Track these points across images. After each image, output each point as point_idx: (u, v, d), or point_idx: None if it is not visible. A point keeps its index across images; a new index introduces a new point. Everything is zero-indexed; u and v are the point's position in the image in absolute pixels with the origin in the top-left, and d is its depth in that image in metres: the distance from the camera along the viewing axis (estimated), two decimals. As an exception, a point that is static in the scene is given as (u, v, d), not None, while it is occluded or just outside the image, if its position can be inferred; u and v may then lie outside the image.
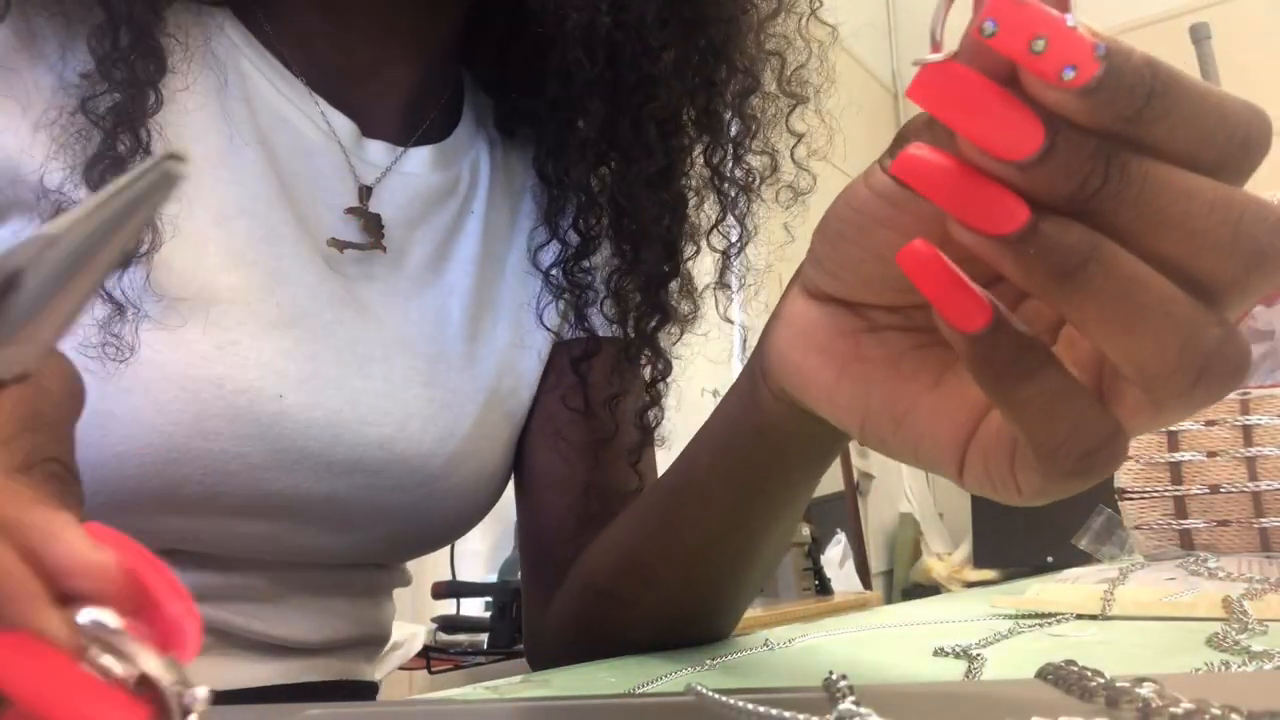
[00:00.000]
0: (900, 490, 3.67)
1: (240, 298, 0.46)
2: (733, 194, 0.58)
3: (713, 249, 0.59)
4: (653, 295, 0.56)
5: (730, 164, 0.57)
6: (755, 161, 0.57)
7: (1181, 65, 0.20)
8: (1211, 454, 0.82)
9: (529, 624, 0.59)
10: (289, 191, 0.50)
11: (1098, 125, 0.20)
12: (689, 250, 0.58)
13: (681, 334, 0.59)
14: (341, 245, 0.51)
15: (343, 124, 0.53)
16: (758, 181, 0.57)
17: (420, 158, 0.56)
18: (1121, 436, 0.23)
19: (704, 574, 0.45)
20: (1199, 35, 1.41)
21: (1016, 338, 0.22)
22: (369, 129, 0.54)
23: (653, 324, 0.57)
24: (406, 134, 0.56)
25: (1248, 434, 0.80)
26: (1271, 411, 0.79)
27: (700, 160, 0.57)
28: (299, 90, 0.52)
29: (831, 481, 3.30)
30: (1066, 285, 0.20)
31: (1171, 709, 0.21)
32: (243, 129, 0.49)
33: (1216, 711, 0.20)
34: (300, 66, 0.53)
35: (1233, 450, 0.81)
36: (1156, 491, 0.84)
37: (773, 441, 0.37)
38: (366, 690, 0.60)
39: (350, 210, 0.52)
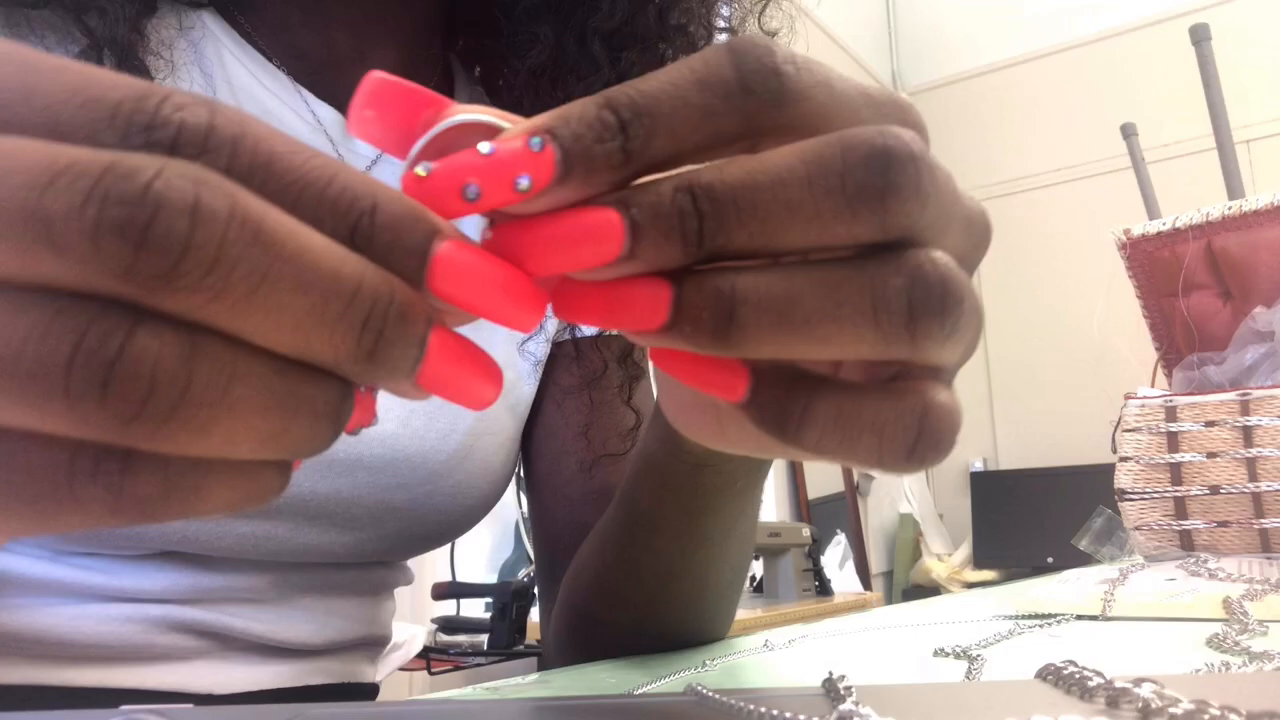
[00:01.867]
0: (900, 491, 3.67)
1: None
2: None
3: None
4: None
5: None
6: None
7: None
8: (1212, 455, 0.82)
9: (542, 627, 0.60)
10: None
11: (625, 179, 0.19)
12: None
13: None
14: None
15: (328, 115, 0.53)
16: None
17: None
18: (932, 413, 0.21)
19: (673, 592, 0.45)
20: (1199, 36, 1.41)
21: (779, 387, 0.20)
22: None
23: None
24: None
25: (1248, 435, 0.80)
26: (1271, 412, 0.79)
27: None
28: (282, 83, 0.52)
29: (831, 482, 3.30)
30: (734, 339, 0.19)
31: (1171, 709, 0.21)
32: None
33: (1216, 711, 0.20)
34: (282, 58, 0.52)
35: (1233, 451, 0.81)
36: (1156, 492, 0.84)
37: (711, 472, 0.38)
38: (368, 692, 0.60)
39: None
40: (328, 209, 0.17)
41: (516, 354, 0.58)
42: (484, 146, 0.18)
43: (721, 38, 0.58)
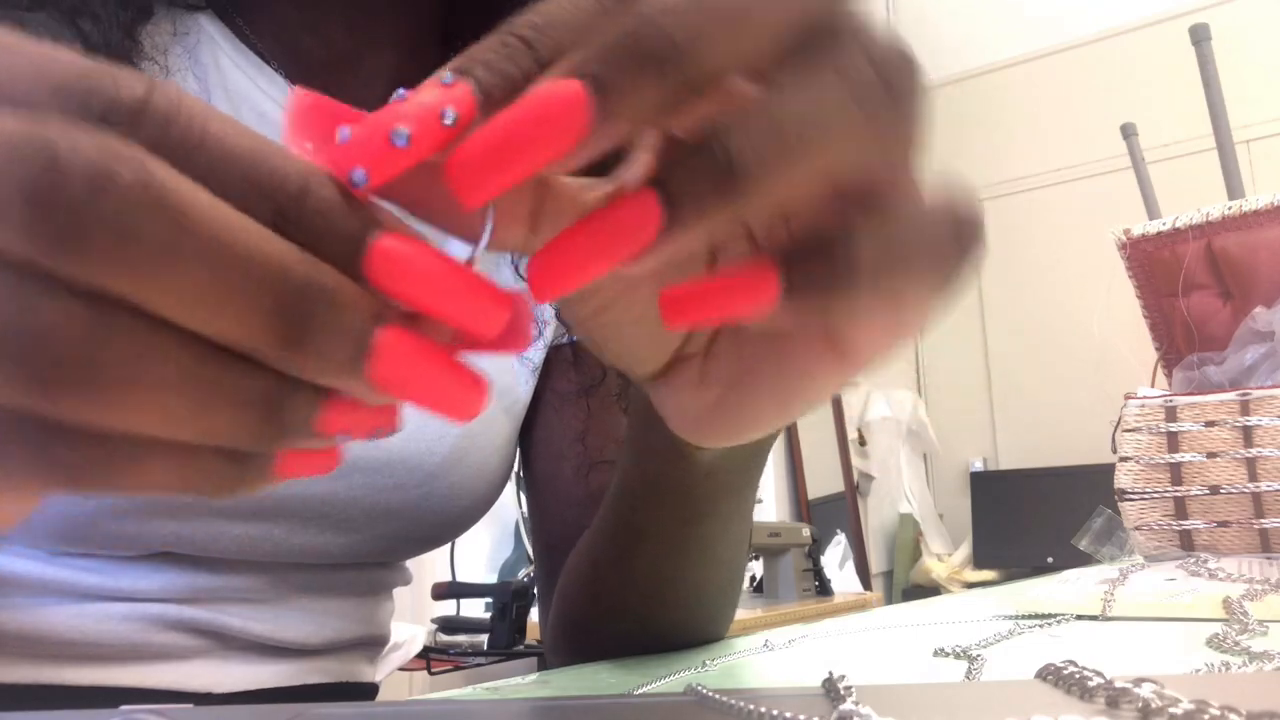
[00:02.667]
0: (900, 491, 3.67)
1: None
2: None
3: None
4: None
5: None
6: None
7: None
8: (1211, 455, 0.82)
9: (542, 629, 0.60)
10: None
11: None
12: None
13: None
14: None
15: None
16: None
17: None
18: (959, 201, 0.21)
19: (668, 598, 0.45)
20: (1199, 36, 1.41)
21: (810, 255, 0.20)
22: None
23: None
24: None
25: (1248, 435, 0.80)
26: (1271, 412, 0.79)
27: None
28: (279, 86, 0.51)
29: (831, 482, 3.30)
30: (742, 186, 0.18)
31: (1171, 709, 0.21)
32: None
33: (1216, 711, 0.20)
34: (280, 60, 0.52)
35: (1233, 451, 0.81)
36: (1156, 492, 0.84)
37: (712, 480, 0.38)
38: (366, 691, 0.60)
39: None
40: (254, 188, 0.17)
41: (514, 359, 0.58)
42: (399, 92, 0.18)
43: None
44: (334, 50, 0.53)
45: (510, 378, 0.58)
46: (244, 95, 0.50)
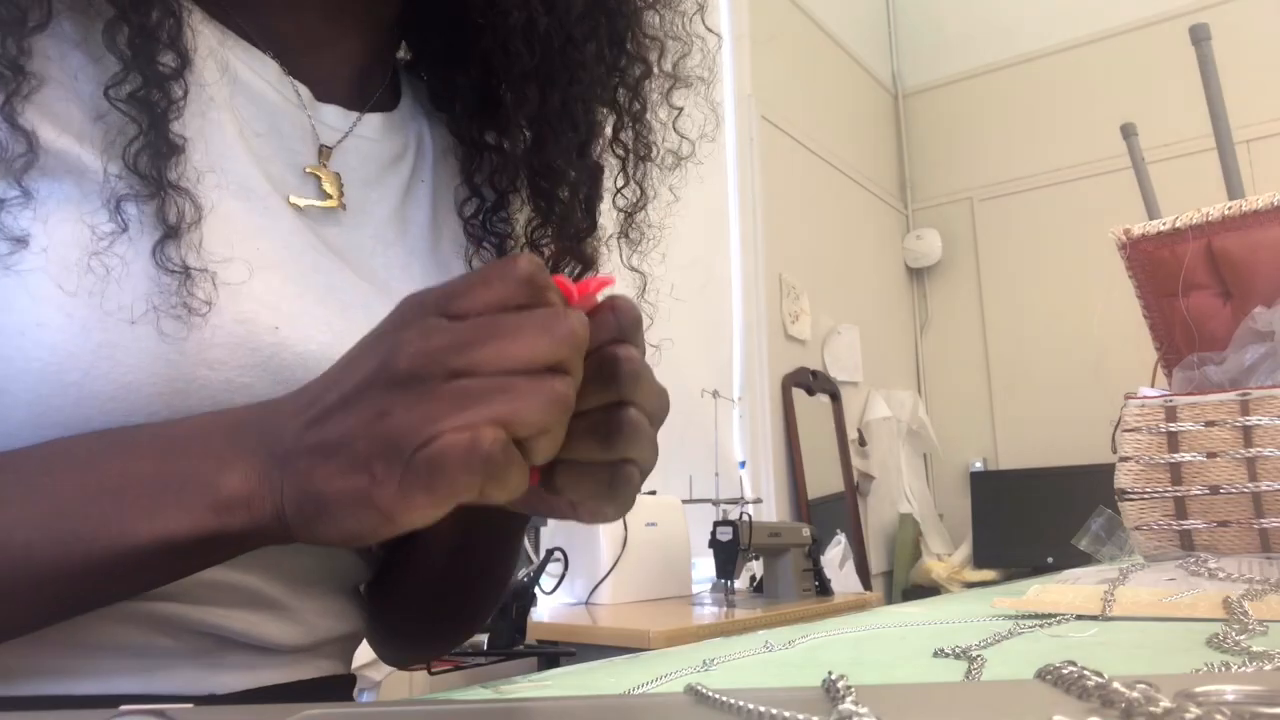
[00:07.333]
0: (900, 491, 3.67)
1: (224, 242, 0.47)
2: (634, 162, 0.66)
3: (616, 208, 0.67)
4: (573, 248, 0.65)
5: (632, 137, 0.66)
6: (650, 134, 0.66)
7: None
8: (1211, 455, 0.82)
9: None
10: (253, 151, 0.51)
11: None
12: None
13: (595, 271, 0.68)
14: (304, 202, 0.53)
15: (299, 88, 0.56)
16: (656, 152, 0.67)
17: (373, 124, 0.59)
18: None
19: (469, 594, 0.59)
20: (1199, 35, 1.41)
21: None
22: (323, 96, 0.57)
23: (577, 271, 0.65)
24: (358, 104, 0.59)
25: (1247, 435, 0.80)
26: (1271, 412, 0.79)
27: (609, 134, 0.66)
28: (256, 56, 0.54)
29: (831, 482, 3.30)
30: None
31: (1170, 709, 0.21)
32: (216, 92, 0.51)
33: (1214, 710, 0.20)
34: (259, 37, 0.54)
35: (1233, 451, 0.81)
36: (1157, 492, 0.84)
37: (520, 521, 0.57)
38: (348, 684, 0.60)
39: (311, 169, 0.55)
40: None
41: None
42: None
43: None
44: (310, 36, 0.56)
45: None
46: (227, 63, 0.51)
